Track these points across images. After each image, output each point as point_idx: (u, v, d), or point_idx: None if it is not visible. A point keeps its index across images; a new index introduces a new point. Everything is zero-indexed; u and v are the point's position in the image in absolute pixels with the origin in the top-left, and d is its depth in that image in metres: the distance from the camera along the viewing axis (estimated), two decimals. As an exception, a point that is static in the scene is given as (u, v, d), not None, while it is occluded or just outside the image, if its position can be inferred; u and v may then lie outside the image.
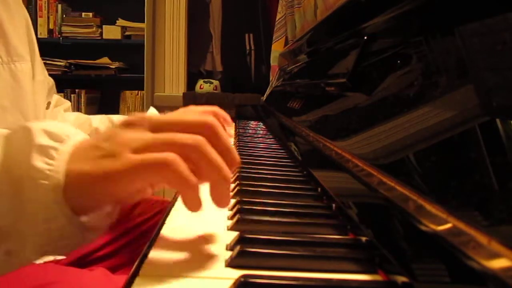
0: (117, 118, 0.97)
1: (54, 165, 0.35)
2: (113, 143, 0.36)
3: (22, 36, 0.76)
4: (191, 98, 2.47)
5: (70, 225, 0.36)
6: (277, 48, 2.05)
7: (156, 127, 0.38)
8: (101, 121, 0.97)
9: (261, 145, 0.97)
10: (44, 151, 0.36)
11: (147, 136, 0.37)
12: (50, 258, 0.73)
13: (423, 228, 0.31)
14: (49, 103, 0.91)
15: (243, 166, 0.71)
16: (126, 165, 0.35)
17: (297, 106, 1.02)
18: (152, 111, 1.03)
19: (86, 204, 0.37)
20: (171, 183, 0.36)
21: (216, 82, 2.57)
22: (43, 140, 0.37)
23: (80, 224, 0.37)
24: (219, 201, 0.39)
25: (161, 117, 0.40)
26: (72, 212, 0.36)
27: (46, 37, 2.74)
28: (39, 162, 0.35)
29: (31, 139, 0.36)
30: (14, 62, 0.71)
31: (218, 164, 0.38)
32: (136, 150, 0.36)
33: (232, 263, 0.35)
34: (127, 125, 0.38)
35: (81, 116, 0.99)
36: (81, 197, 0.36)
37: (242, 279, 0.31)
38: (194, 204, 0.38)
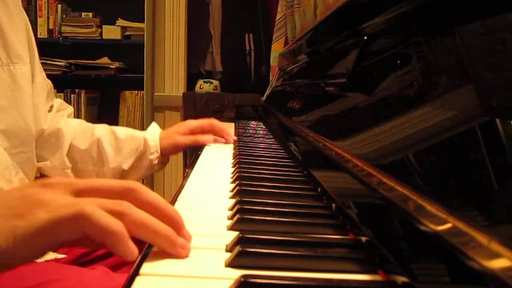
0: (119, 130, 0.97)
1: None
2: (26, 202, 0.35)
3: (22, 38, 0.76)
4: (191, 98, 2.47)
5: None
6: (277, 48, 2.04)
7: (78, 192, 0.37)
8: (103, 132, 0.96)
9: (261, 145, 0.97)
10: None
11: (66, 197, 0.36)
12: (51, 256, 0.73)
13: (423, 228, 0.31)
14: (51, 107, 0.91)
15: (243, 166, 0.71)
16: (36, 224, 0.33)
17: (297, 106, 1.02)
18: (154, 126, 1.03)
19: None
20: (95, 235, 0.34)
21: (216, 82, 2.56)
22: None
23: None
24: (172, 253, 0.36)
25: (82, 181, 0.38)
26: None
27: (46, 37, 2.74)
28: None
29: None
30: (13, 64, 0.71)
31: (147, 221, 0.36)
32: (48, 210, 0.34)
33: (232, 263, 0.35)
34: (46, 185, 0.37)
35: (83, 123, 0.99)
36: None
37: (242, 279, 0.31)
38: (128, 253, 0.34)
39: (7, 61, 0.70)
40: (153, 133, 0.99)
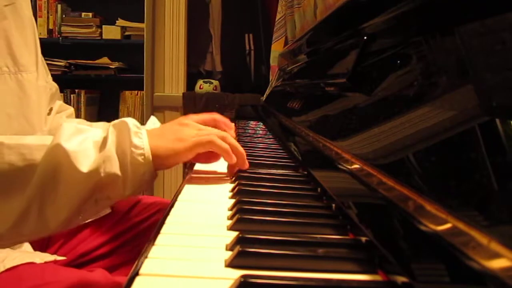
0: None
1: (144, 142, 0.58)
2: (181, 133, 0.64)
3: (31, 47, 0.77)
4: (190, 98, 2.47)
5: (151, 178, 0.60)
6: (276, 48, 2.04)
7: (199, 129, 0.66)
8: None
9: (261, 145, 0.97)
10: (136, 134, 0.59)
11: (197, 132, 0.65)
12: (50, 258, 0.73)
13: (423, 228, 0.31)
14: (51, 109, 0.91)
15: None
16: (190, 144, 0.62)
17: (297, 106, 1.02)
18: (153, 120, 1.04)
19: (163, 165, 0.61)
20: (215, 149, 0.64)
21: (215, 82, 2.56)
22: (134, 128, 0.59)
23: (154, 177, 0.61)
24: (241, 165, 0.67)
25: (199, 122, 0.70)
26: (153, 170, 0.59)
27: (45, 37, 2.73)
28: (136, 141, 0.58)
29: (128, 128, 0.59)
30: (21, 72, 0.72)
31: (235, 143, 0.66)
32: (193, 138, 0.63)
33: (232, 263, 0.35)
34: (183, 124, 0.67)
35: (83, 123, 0.99)
36: (162, 161, 0.60)
37: (242, 279, 0.31)
38: (231, 159, 0.64)
39: (14, 70, 0.71)
40: (152, 127, 0.99)
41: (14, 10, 0.72)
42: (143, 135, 0.60)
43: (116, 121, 0.62)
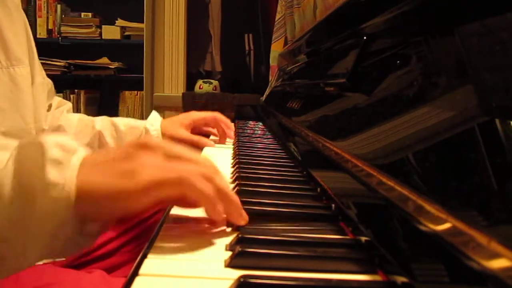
0: (119, 122, 0.98)
1: (67, 178, 0.38)
2: (132, 163, 0.40)
3: (22, 40, 0.76)
4: (190, 98, 2.47)
5: (75, 233, 0.39)
6: (276, 48, 2.04)
7: (169, 157, 0.42)
8: (104, 124, 0.97)
9: (261, 145, 0.97)
10: (56, 164, 0.38)
11: (164, 162, 0.41)
12: (48, 259, 0.73)
13: (422, 228, 0.31)
14: (50, 106, 0.91)
15: (243, 166, 0.71)
16: (143, 183, 0.38)
17: (296, 106, 1.02)
18: (154, 115, 1.04)
19: (95, 214, 0.40)
20: (191, 195, 0.40)
21: (215, 82, 2.56)
22: (56, 153, 0.38)
23: (81, 232, 0.40)
24: (235, 219, 0.43)
25: (174, 148, 0.43)
26: (78, 222, 0.39)
27: (45, 37, 2.74)
28: (52, 174, 0.37)
29: (43, 152, 0.38)
30: (13, 67, 0.72)
31: (225, 188, 0.42)
32: (153, 173, 0.39)
33: (231, 264, 0.35)
34: (145, 147, 0.42)
35: (83, 118, 0.99)
36: (92, 208, 0.39)
37: (242, 280, 0.31)
38: (217, 213, 0.41)
39: (6, 64, 0.70)
40: (154, 123, 1.00)
41: (3, 3, 0.72)
42: (72, 163, 0.39)
43: (27, 140, 0.41)
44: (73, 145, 0.41)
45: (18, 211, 0.37)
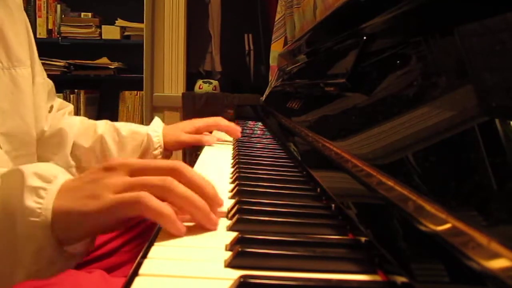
0: (121, 126, 0.97)
1: (43, 204, 0.42)
2: (96, 186, 0.43)
3: (23, 41, 0.76)
4: (190, 98, 2.47)
5: (56, 254, 0.43)
6: (276, 48, 2.04)
7: (133, 172, 0.45)
8: (106, 128, 0.96)
9: (260, 145, 0.97)
10: (34, 191, 0.42)
11: (125, 179, 0.44)
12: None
13: (422, 228, 0.31)
14: (51, 107, 0.91)
15: (243, 166, 0.71)
16: (106, 204, 0.42)
17: (296, 106, 1.02)
18: (157, 122, 1.03)
19: (71, 235, 0.44)
20: (148, 215, 0.42)
21: (215, 82, 2.57)
22: (34, 181, 0.43)
23: (64, 252, 0.44)
24: (204, 225, 0.44)
25: (137, 162, 0.46)
26: (58, 243, 0.43)
27: (45, 37, 2.74)
28: (30, 201, 0.42)
29: (23, 181, 0.42)
30: (14, 67, 0.72)
31: (187, 196, 0.43)
32: (116, 192, 0.42)
33: (231, 264, 0.35)
34: (109, 168, 0.45)
35: (85, 121, 0.99)
36: (67, 230, 0.43)
37: (242, 280, 0.31)
38: (176, 230, 0.41)
39: (8, 65, 0.70)
40: (157, 129, 0.99)
41: (4, 4, 0.72)
42: (49, 190, 0.43)
43: (12, 168, 0.45)
44: (54, 172, 0.45)
45: (4, 234, 0.41)
